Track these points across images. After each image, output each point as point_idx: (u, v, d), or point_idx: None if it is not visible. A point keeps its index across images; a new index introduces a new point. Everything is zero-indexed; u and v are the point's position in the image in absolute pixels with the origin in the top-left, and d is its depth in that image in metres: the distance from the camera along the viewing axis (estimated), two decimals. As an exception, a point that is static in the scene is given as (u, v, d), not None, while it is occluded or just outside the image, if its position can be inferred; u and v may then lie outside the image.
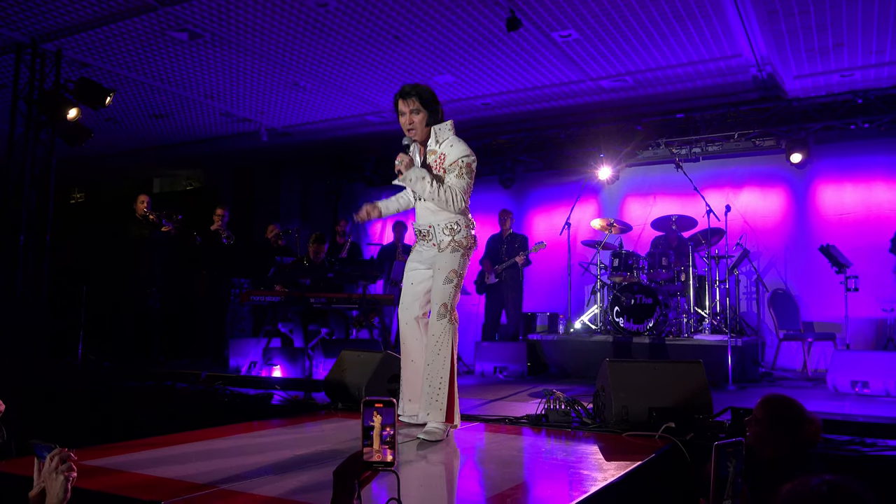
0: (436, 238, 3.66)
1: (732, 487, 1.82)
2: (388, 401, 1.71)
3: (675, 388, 3.75)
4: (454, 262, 3.61)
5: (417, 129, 3.60)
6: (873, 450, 3.19)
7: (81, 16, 6.23)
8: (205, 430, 3.71)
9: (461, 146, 3.58)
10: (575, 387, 5.86)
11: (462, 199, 3.54)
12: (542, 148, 9.53)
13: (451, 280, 3.61)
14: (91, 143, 7.53)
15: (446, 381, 3.52)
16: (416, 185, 3.54)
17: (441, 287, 3.60)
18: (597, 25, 6.18)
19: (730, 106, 8.12)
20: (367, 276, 7.74)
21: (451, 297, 3.60)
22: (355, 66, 7.17)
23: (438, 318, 3.59)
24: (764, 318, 8.01)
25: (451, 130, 3.65)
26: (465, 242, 3.63)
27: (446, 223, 3.62)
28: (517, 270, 8.27)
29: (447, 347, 3.55)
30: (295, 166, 11.02)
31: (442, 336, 3.56)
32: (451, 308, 3.59)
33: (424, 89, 3.62)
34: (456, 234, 3.61)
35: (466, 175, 3.55)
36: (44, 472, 1.88)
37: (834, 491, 1.21)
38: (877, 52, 6.52)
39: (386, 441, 1.69)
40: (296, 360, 6.61)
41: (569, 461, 3.12)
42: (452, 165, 3.56)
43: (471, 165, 3.57)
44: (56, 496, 1.85)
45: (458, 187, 3.53)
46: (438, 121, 3.64)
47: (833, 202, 8.28)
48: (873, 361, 5.59)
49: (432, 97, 3.62)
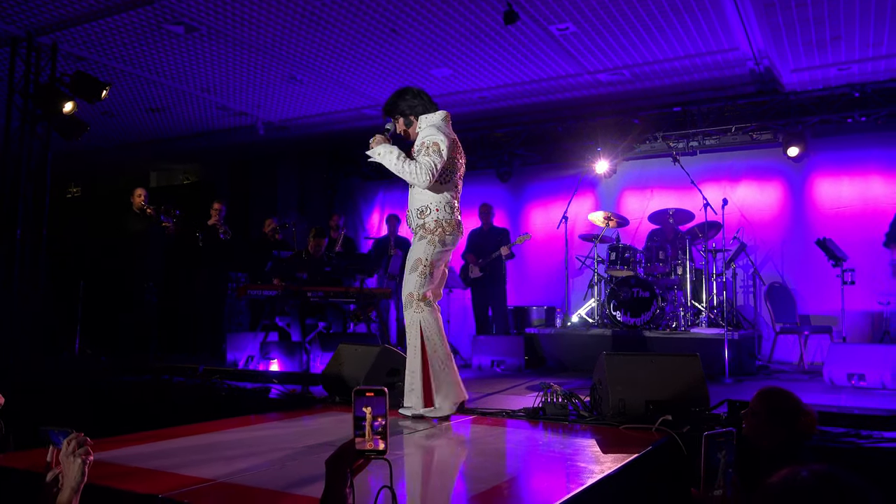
0: (413, 223, 3.89)
1: (724, 477, 1.83)
2: (380, 390, 1.70)
3: (671, 381, 3.76)
4: (419, 250, 3.81)
5: (407, 134, 4.00)
6: (869, 442, 3.21)
7: (77, 9, 6.20)
8: (202, 423, 3.72)
9: (429, 130, 3.81)
10: (572, 380, 5.87)
11: (424, 173, 3.68)
12: (540, 141, 9.51)
13: (416, 268, 3.79)
14: (87, 138, 7.51)
15: (419, 369, 3.72)
16: (384, 158, 3.81)
17: (407, 276, 3.82)
18: (594, 18, 6.17)
19: (727, 99, 8.12)
20: (364, 269, 7.75)
21: (416, 286, 3.77)
22: (352, 59, 7.15)
23: (406, 307, 3.82)
24: (761, 311, 8.03)
25: (434, 120, 3.89)
26: (431, 226, 3.79)
27: (418, 207, 3.84)
28: (500, 264, 8.27)
29: (416, 337, 3.74)
30: (292, 160, 11.00)
31: (411, 325, 3.77)
32: (417, 296, 3.76)
33: (387, 104, 4.01)
34: (425, 217, 3.81)
35: (433, 153, 3.72)
36: (61, 456, 1.90)
37: (821, 480, 1.22)
38: (874, 45, 6.52)
39: (377, 430, 1.68)
40: (293, 353, 6.61)
41: (566, 454, 3.13)
42: (420, 147, 3.80)
43: (438, 145, 3.74)
44: (74, 479, 1.86)
45: (422, 162, 3.71)
46: (421, 112, 3.93)
47: (830, 196, 8.29)
48: (869, 354, 5.61)
49: (393, 105, 3.97)
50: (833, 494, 1.19)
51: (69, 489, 1.85)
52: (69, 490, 1.85)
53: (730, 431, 1.87)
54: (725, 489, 1.83)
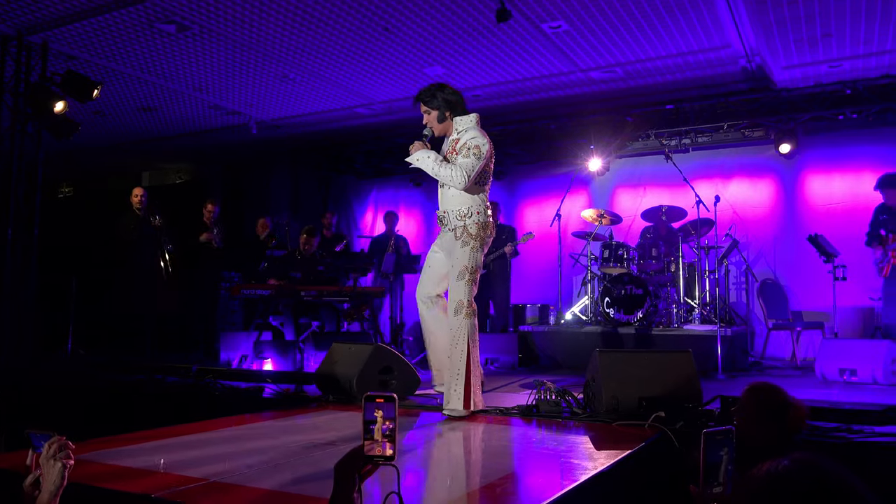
0: (450, 223, 4.01)
1: (724, 474, 1.85)
2: (390, 396, 1.73)
3: (664, 377, 3.77)
4: (465, 258, 3.95)
5: (432, 125, 4.07)
6: (860, 436, 3.23)
7: (68, 8, 6.17)
8: (196, 423, 3.71)
9: (473, 132, 3.96)
10: (566, 377, 5.89)
11: (462, 175, 3.85)
12: (533, 140, 9.52)
13: (464, 276, 3.94)
14: (79, 137, 7.46)
15: (463, 373, 3.89)
16: (423, 162, 3.96)
17: (455, 284, 3.96)
18: (587, 16, 6.17)
19: (719, 97, 8.13)
20: (358, 268, 7.74)
21: (465, 294, 3.93)
22: (345, 58, 7.14)
23: (455, 313, 3.94)
24: (753, 307, 8.07)
25: (473, 122, 4.03)
26: (474, 230, 3.95)
27: (458, 208, 3.98)
28: (505, 262, 8.26)
29: (464, 341, 3.90)
30: (285, 159, 10.97)
31: (459, 331, 3.92)
32: (466, 304, 3.93)
33: (425, 92, 4.06)
34: (467, 219, 3.96)
35: (473, 156, 3.87)
36: (41, 459, 1.89)
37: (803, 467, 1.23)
38: (864, 42, 6.55)
39: (386, 435, 1.70)
40: (287, 353, 6.60)
41: (559, 450, 3.14)
42: (462, 147, 3.93)
43: (479, 148, 3.89)
44: (53, 483, 1.86)
45: (461, 165, 3.86)
46: (459, 113, 4.05)
47: (821, 192, 8.33)
48: (861, 349, 5.64)
49: (432, 96, 4.03)
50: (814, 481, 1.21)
51: (48, 492, 1.85)
52: (48, 493, 1.85)
53: (729, 430, 1.89)
54: (725, 486, 1.85)
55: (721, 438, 1.87)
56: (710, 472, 1.84)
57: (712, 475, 1.84)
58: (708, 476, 1.84)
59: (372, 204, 11.10)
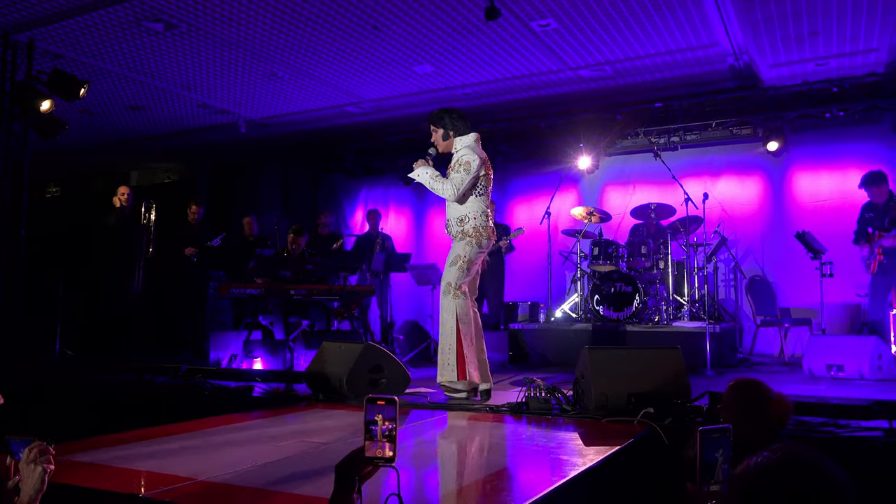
0: (452, 230, 4.52)
1: (721, 472, 1.86)
2: (391, 398, 1.73)
3: (653, 374, 3.79)
4: (459, 248, 4.44)
5: (437, 143, 4.64)
6: (847, 431, 3.26)
7: (54, 6, 6.12)
8: (185, 423, 3.70)
9: (465, 150, 4.48)
10: (556, 375, 5.91)
11: (452, 188, 4.38)
12: (522, 138, 9.53)
13: (456, 262, 4.40)
14: (66, 137, 7.41)
15: (454, 346, 4.29)
16: (423, 177, 4.50)
17: (447, 268, 4.44)
18: (575, 15, 6.19)
19: (708, 95, 8.17)
20: (347, 267, 7.72)
21: (454, 277, 4.38)
22: (334, 56, 7.12)
23: (444, 294, 4.40)
24: (742, 304, 8.11)
25: (471, 140, 4.54)
26: (470, 232, 4.43)
27: (456, 216, 4.49)
28: (500, 258, 8.25)
29: (452, 318, 4.32)
30: (274, 158, 10.93)
31: (446, 309, 4.35)
32: (455, 285, 4.36)
33: (435, 114, 4.64)
34: (465, 225, 4.46)
35: (463, 171, 4.39)
36: (21, 464, 1.88)
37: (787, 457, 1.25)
38: (851, 40, 6.59)
39: (386, 436, 1.70)
40: (277, 352, 6.58)
41: (549, 447, 3.15)
42: (455, 163, 4.48)
43: (469, 164, 4.40)
44: (32, 487, 1.84)
45: (452, 180, 4.40)
46: (461, 133, 4.57)
47: (809, 189, 8.38)
48: (848, 345, 5.69)
49: (440, 118, 4.61)
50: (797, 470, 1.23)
51: (27, 496, 1.84)
52: (27, 497, 1.84)
53: (726, 427, 1.90)
54: (722, 484, 1.85)
55: (717, 436, 1.88)
56: (706, 469, 1.85)
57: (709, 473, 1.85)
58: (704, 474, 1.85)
59: (362, 203, 11.07)
